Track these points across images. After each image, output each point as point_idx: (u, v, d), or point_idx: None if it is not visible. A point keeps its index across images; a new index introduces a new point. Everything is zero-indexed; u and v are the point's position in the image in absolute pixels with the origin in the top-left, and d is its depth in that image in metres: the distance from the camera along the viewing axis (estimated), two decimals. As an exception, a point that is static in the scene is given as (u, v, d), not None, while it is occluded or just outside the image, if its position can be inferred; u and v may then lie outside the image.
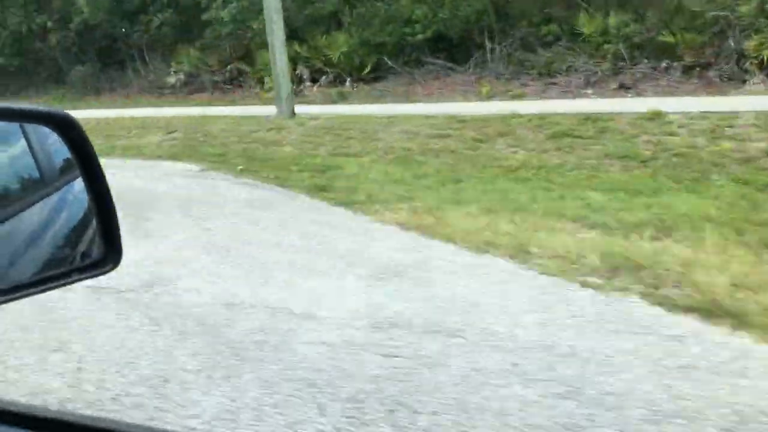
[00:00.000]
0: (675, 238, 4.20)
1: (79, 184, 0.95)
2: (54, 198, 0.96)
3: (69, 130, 0.92)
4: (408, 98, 12.06)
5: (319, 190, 6.44)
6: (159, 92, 16.18)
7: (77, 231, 0.98)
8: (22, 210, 0.91)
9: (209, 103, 14.08)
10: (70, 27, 16.54)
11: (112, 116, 13.06)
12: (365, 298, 3.56)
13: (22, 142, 0.93)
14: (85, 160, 0.94)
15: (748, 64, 9.62)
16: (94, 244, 0.96)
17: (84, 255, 0.96)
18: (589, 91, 10.68)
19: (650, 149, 6.76)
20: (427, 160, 7.54)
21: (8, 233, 0.87)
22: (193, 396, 2.57)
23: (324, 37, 13.94)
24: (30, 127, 0.95)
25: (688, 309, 3.16)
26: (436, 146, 7.99)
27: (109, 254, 0.95)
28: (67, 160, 0.95)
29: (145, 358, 2.93)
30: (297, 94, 13.27)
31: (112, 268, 0.95)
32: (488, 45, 12.54)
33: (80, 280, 0.94)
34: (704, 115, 7.13)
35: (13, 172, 0.93)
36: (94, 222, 0.95)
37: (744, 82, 9.58)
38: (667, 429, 2.21)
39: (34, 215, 0.92)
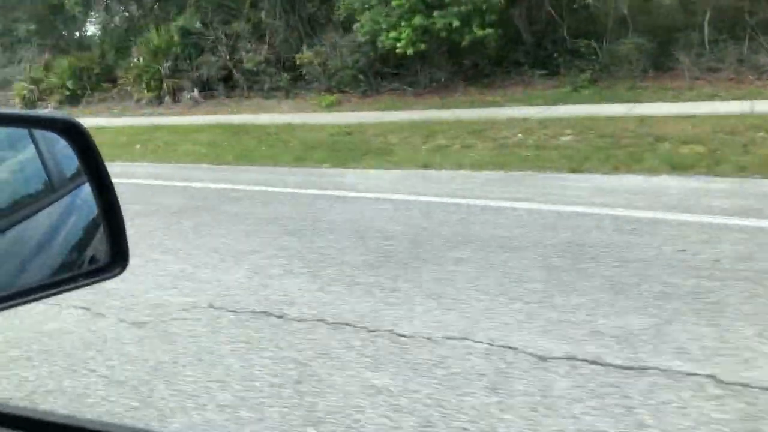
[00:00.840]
0: None
1: (86, 188, 0.94)
2: (63, 203, 0.96)
3: (76, 136, 0.93)
4: None
5: None
6: None
7: (85, 235, 0.98)
8: (32, 215, 0.91)
9: None
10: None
11: None
12: None
13: (31, 148, 0.94)
14: (91, 165, 0.94)
15: None
16: (102, 249, 0.95)
17: (92, 259, 0.96)
18: None
19: None
20: None
21: (18, 238, 0.88)
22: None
23: None
24: (38, 133, 0.95)
25: None
26: None
27: (117, 259, 0.95)
28: (75, 166, 0.95)
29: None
30: None
31: (119, 273, 0.95)
32: None
33: (88, 284, 0.93)
34: None
35: (23, 178, 0.93)
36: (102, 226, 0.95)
37: None
38: None
39: (43, 220, 0.93)
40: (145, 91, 15.47)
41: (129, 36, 17.68)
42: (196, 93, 15.07)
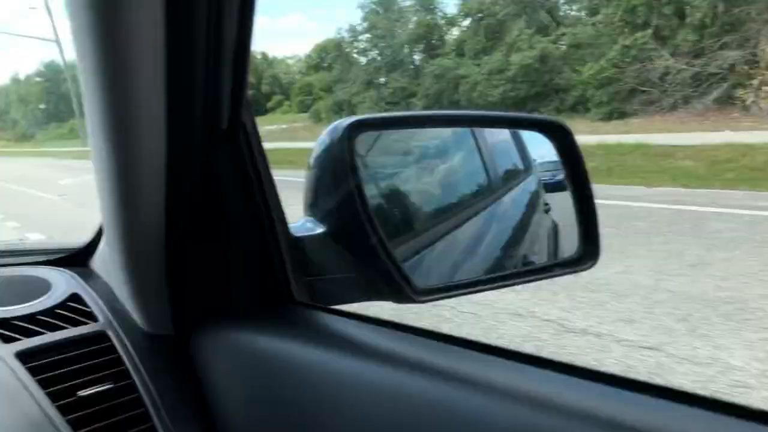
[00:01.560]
0: None
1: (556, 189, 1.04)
2: (539, 199, 1.08)
3: (562, 136, 1.02)
4: None
5: None
6: None
7: (553, 231, 1.07)
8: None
9: None
10: None
11: None
12: None
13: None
14: (573, 164, 1.01)
15: None
16: (569, 243, 1.01)
17: (555, 254, 1.07)
18: None
19: None
20: None
21: (507, 229, 1.05)
22: None
23: None
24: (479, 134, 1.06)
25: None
26: None
27: (587, 253, 1.00)
28: (516, 166, 1.08)
29: None
30: None
31: (591, 266, 1.00)
32: None
33: (560, 274, 1.01)
34: None
35: (502, 171, 1.08)
36: (569, 224, 1.01)
37: None
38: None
39: (523, 215, 1.08)
40: None
41: None
42: None
